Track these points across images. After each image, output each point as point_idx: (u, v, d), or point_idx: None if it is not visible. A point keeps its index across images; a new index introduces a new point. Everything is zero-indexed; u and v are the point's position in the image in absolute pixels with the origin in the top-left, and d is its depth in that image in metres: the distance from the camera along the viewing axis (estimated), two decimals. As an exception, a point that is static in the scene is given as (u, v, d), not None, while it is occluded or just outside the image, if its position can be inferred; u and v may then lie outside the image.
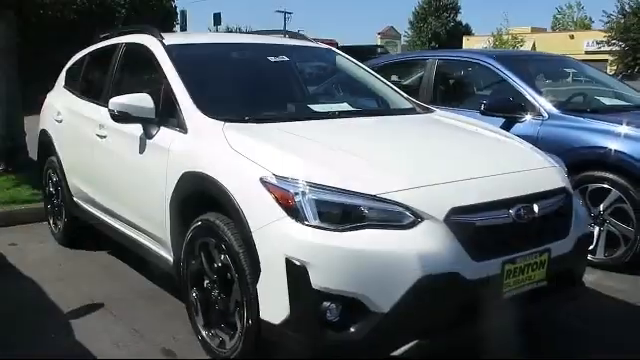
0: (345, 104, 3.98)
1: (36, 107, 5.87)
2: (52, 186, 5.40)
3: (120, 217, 4.06)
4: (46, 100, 5.59)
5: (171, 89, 3.57)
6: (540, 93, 5.07)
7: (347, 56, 4.68)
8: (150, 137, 3.57)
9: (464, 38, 54.53)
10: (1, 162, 7.82)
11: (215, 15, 28.53)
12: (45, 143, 5.40)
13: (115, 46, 4.55)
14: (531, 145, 3.52)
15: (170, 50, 3.84)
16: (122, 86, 4.29)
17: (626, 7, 40.87)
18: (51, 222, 5.51)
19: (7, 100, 7.80)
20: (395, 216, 2.55)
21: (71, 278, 4.52)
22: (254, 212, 2.72)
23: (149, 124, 3.57)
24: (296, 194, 2.59)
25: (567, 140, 4.67)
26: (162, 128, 3.54)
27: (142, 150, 3.62)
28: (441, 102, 5.42)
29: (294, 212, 2.58)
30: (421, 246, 2.50)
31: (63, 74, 5.53)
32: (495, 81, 5.44)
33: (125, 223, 4.02)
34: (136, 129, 3.66)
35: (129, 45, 4.39)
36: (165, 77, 3.67)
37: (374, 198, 2.56)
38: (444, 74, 5.95)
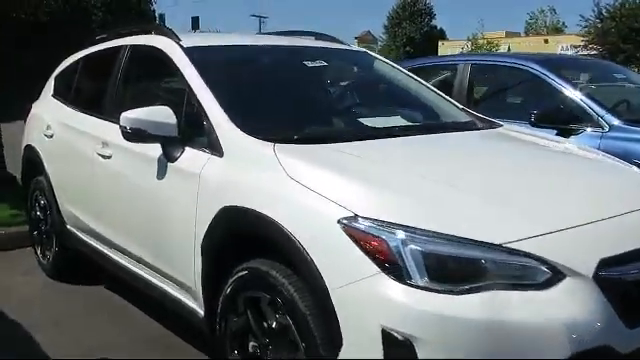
0: (398, 117, 3.36)
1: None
2: (40, 210, 4.68)
3: (130, 254, 3.38)
4: (32, 111, 4.87)
5: (197, 100, 2.91)
6: (598, 102, 4.51)
7: (386, 60, 4.06)
8: (172, 159, 2.90)
9: (439, 42, 54.47)
10: (-25, 178, 7.03)
11: (193, 19, 27.85)
12: (31, 161, 4.69)
13: (117, 49, 3.87)
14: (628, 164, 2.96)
15: (191, 54, 3.18)
16: (129, 96, 3.63)
17: (603, 11, 41.09)
18: (38, 251, 4.78)
19: (-18, 109, 7.03)
20: (528, 272, 1.94)
21: (67, 322, 3.82)
22: (332, 265, 2.08)
23: (171, 143, 2.91)
24: (394, 243, 1.96)
25: (636, 155, 4.10)
26: (187, 149, 2.88)
27: (161, 175, 2.96)
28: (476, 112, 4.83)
29: (392, 268, 1.95)
30: (567, 313, 1.88)
31: (51, 81, 4.82)
32: (541, 88, 4.87)
33: (136, 261, 3.34)
34: (152, 149, 2.99)
35: (136, 48, 3.71)
36: (188, 86, 3.01)
37: (499, 248, 1.94)
38: (478, 81, 5.37)
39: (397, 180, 2.26)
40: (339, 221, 2.08)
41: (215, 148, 2.73)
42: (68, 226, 4.25)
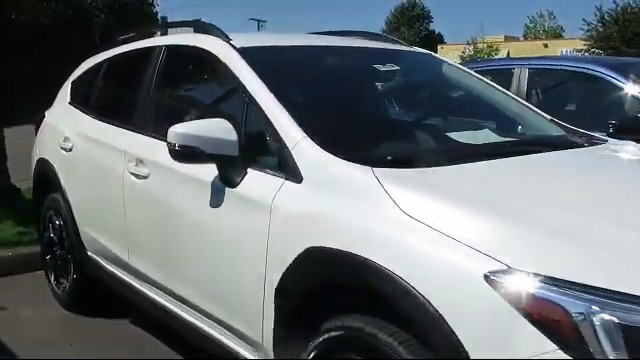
0: (486, 131, 2.85)
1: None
2: (54, 232, 4.14)
3: (171, 292, 2.85)
4: (45, 120, 4.34)
5: (261, 112, 2.39)
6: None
7: (454, 63, 3.55)
8: (232, 184, 2.38)
9: (439, 46, 54.10)
10: (-23, 190, 6.49)
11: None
12: (45, 176, 4.16)
13: (150, 50, 3.35)
14: None
15: (248, 56, 2.66)
16: (167, 106, 3.12)
17: (606, 16, 40.72)
18: (52, 278, 4.24)
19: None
20: None
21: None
22: (482, 336, 1.55)
23: (230, 164, 2.39)
24: (577, 311, 1.44)
25: None
26: (251, 171, 2.36)
27: (217, 203, 2.43)
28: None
29: (574, 345, 1.43)
30: None
31: (67, 87, 4.29)
32: (615, 95, 4.36)
33: (179, 301, 2.82)
34: (204, 171, 2.47)
35: (174, 49, 3.19)
36: (247, 94, 2.49)
37: None
38: (539, 87, 4.86)
39: (548, 217, 1.74)
40: (486, 277, 1.56)
41: (290, 171, 2.20)
42: (89, 252, 3.72)
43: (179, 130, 2.36)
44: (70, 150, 3.77)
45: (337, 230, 1.94)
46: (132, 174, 3.04)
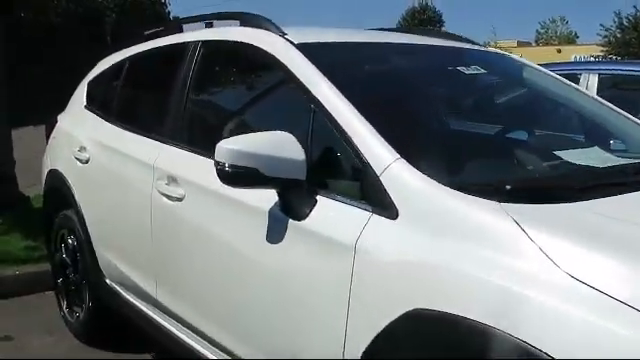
0: (595, 148, 2.33)
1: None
2: (67, 253, 3.64)
3: (211, 340, 2.34)
4: (58, 125, 3.84)
5: (336, 124, 1.89)
6: None
7: (536, 66, 3.03)
8: (298, 215, 1.87)
9: (452, 50, 53.45)
10: (-18, 198, 6.02)
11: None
12: (57, 190, 3.66)
13: (182, 47, 2.84)
14: None
15: (310, 54, 2.15)
16: (207, 113, 2.62)
17: (624, 21, 40.04)
18: (64, 304, 3.73)
19: (-9, 119, 6.03)
20: None
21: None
22: None
23: (295, 191, 1.89)
24: None
25: None
26: (323, 200, 1.85)
27: (276, 237, 1.93)
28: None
29: None
30: None
31: (83, 89, 3.79)
32: None
33: (220, 350, 2.30)
34: (259, 196, 1.97)
35: (213, 45, 2.69)
36: (315, 101, 1.98)
37: None
38: (610, 94, 4.33)
39: None
40: None
41: (378, 202, 1.70)
42: (107, 280, 3.22)
43: (231, 146, 1.86)
44: (87, 162, 3.27)
45: (460, 290, 1.43)
46: (163, 194, 2.53)
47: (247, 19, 2.56)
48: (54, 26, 17.16)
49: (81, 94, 3.78)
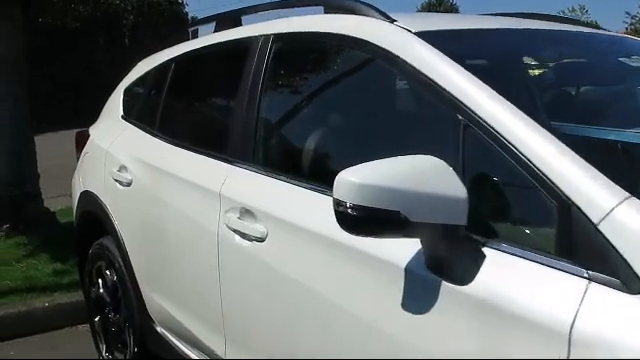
0: None
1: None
2: (105, 289, 3.11)
3: None
4: (90, 141, 3.30)
5: (512, 148, 1.31)
6: None
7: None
8: (456, 278, 1.30)
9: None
10: (7, 217, 5.54)
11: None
12: (92, 215, 3.13)
13: (246, 44, 2.27)
14: None
15: (447, 48, 1.58)
16: (291, 127, 2.06)
17: (652, 9, 38.91)
18: (102, 348, 3.20)
19: (14, 131, 5.53)
20: None
21: None
22: None
23: (449, 242, 1.32)
24: None
25: None
26: (494, 255, 1.28)
27: (420, 307, 1.36)
28: None
29: None
30: None
31: (119, 96, 3.25)
32: None
33: None
34: (390, 245, 1.40)
35: (290, 38, 2.13)
36: (470, 114, 1.41)
37: None
38: None
39: None
40: None
41: (598, 264, 1.12)
42: (158, 328, 2.68)
43: (359, 179, 1.29)
44: (129, 184, 2.73)
45: None
46: (234, 231, 1.97)
47: (336, 4, 1.99)
48: (72, 30, 16.72)
49: (116, 103, 3.23)
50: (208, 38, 2.69)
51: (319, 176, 1.79)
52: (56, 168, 8.28)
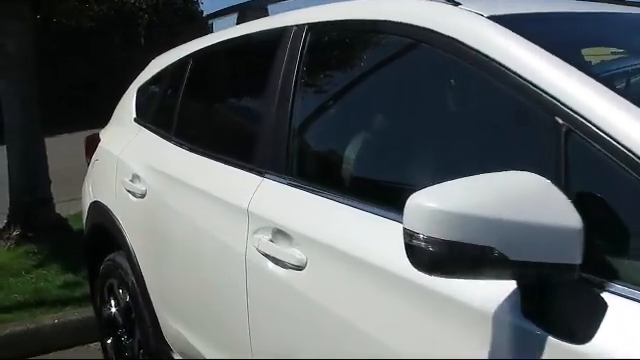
0: None
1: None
2: (118, 309, 2.83)
3: None
4: (101, 145, 3.02)
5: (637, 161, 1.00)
6: None
7: None
8: (569, 334, 0.99)
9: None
10: (16, 224, 5.30)
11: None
12: (102, 228, 2.85)
13: (274, 35, 1.96)
14: None
15: (534, 36, 1.27)
16: (334, 132, 1.74)
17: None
18: (116, 374, 2.93)
19: (23, 132, 5.29)
20: None
21: None
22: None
23: (559, 285, 1.01)
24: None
25: None
26: (621, 304, 0.97)
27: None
28: None
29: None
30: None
31: (131, 97, 2.96)
32: None
33: None
34: (468, 284, 1.08)
35: (328, 28, 1.82)
36: (576, 117, 1.09)
37: None
38: None
39: None
40: None
41: None
42: (175, 355, 2.39)
43: (440, 205, 0.98)
44: (142, 196, 2.43)
45: None
46: (265, 255, 1.67)
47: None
48: (86, 30, 16.54)
49: (128, 104, 2.95)
50: (230, 31, 2.39)
51: (370, 192, 1.50)
52: (69, 170, 8.04)
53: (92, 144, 3.16)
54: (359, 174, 1.66)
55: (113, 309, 2.87)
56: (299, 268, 1.55)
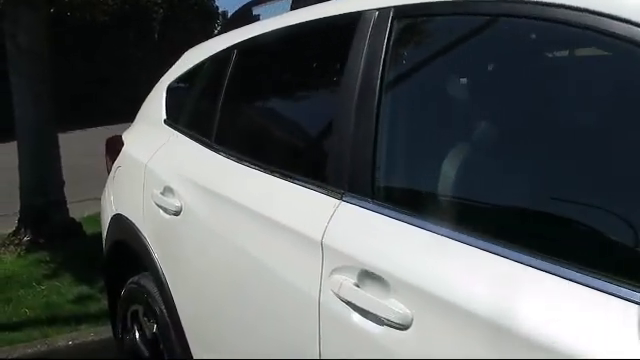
0: None
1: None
2: (142, 340, 2.44)
3: None
4: (124, 151, 2.64)
5: None
6: None
7: None
8: None
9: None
10: (27, 229, 4.95)
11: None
12: (125, 246, 2.47)
13: (350, 23, 1.57)
14: None
15: None
16: (439, 145, 1.35)
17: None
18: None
19: (36, 130, 4.93)
20: None
21: None
22: None
23: None
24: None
25: None
26: None
27: None
28: None
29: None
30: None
31: (160, 95, 2.57)
32: None
33: None
34: None
35: (418, 13, 1.43)
36: None
37: None
38: None
39: None
40: None
41: None
42: (215, 403, 2.00)
43: None
44: (177, 213, 2.04)
45: None
46: (351, 305, 1.28)
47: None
48: (101, 24, 16.23)
49: (157, 103, 2.56)
50: (284, 18, 2.00)
51: (493, 225, 1.11)
52: (82, 169, 7.71)
53: (113, 147, 2.78)
54: (472, 198, 1.27)
55: (137, 338, 2.49)
56: (402, 327, 1.16)
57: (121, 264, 2.56)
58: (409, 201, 1.35)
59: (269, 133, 1.94)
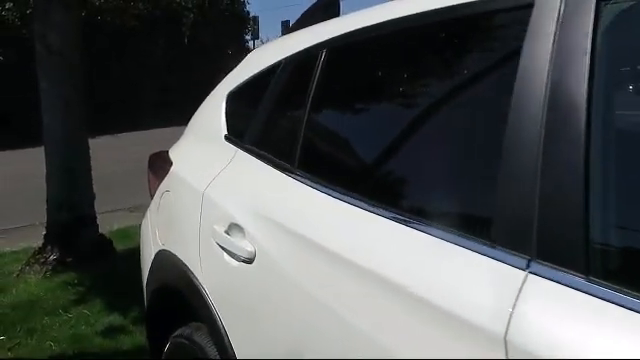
0: None
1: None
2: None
3: None
4: (173, 173, 2.16)
5: None
6: None
7: None
8: None
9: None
10: (53, 246, 4.54)
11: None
12: (172, 292, 2.00)
13: (483, 16, 1.09)
14: None
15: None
16: None
17: None
18: None
19: (64, 141, 4.51)
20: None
21: None
22: None
23: None
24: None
25: None
26: None
27: None
28: None
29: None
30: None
31: (219, 105, 2.10)
32: None
33: None
34: None
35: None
36: None
37: None
38: None
39: None
40: None
41: None
42: None
43: None
44: (250, 260, 1.56)
45: None
46: None
47: None
48: (131, 29, 15.98)
49: (214, 115, 2.09)
50: (389, 8, 1.50)
51: None
52: (111, 176, 7.32)
53: (158, 166, 2.32)
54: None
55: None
56: None
57: (166, 312, 2.09)
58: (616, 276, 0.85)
59: (378, 159, 1.44)
